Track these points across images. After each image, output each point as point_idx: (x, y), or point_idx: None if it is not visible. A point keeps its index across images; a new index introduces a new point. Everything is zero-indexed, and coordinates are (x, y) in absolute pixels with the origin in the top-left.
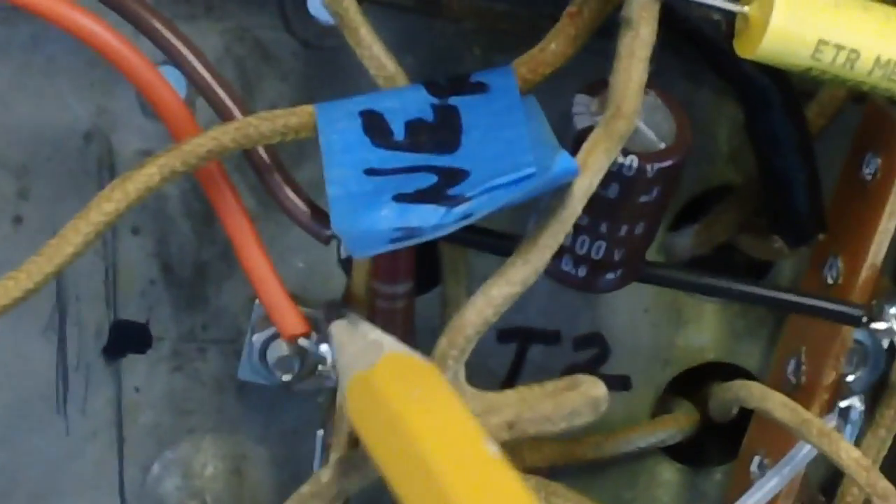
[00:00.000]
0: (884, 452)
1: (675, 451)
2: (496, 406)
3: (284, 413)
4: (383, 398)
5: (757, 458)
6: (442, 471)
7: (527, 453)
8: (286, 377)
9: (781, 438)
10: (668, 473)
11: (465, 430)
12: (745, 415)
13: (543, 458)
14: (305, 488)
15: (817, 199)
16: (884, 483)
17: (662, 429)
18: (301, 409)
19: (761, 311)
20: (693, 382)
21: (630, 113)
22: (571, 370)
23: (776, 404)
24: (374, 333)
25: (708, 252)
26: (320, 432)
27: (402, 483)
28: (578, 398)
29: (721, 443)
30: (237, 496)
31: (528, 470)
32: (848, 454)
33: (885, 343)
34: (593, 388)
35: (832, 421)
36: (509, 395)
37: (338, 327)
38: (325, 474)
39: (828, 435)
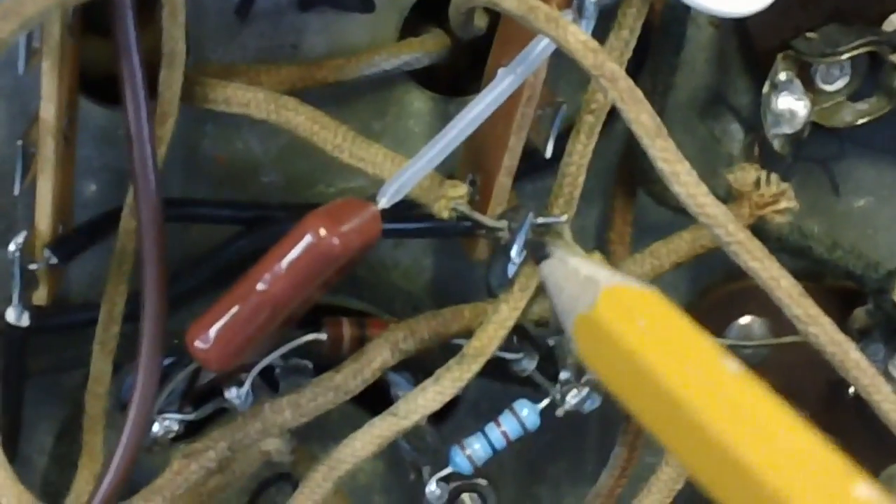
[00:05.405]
0: (627, 55)
1: (426, 80)
2: None
3: None
4: (611, 337)
5: (503, 70)
6: (688, 400)
7: (263, 76)
8: None
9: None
10: (419, 102)
11: (699, 352)
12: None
13: (282, 81)
14: None
15: None
16: (611, 65)
17: (408, 51)
18: None
19: None
20: (439, 5)
21: None
22: None
23: None
24: (587, 268)
25: None
26: None
27: (653, 420)
28: None
29: (473, 69)
30: None
31: None
32: (575, 37)
33: None
34: None
35: (568, 16)
36: None
37: (550, 267)
38: None
39: (555, 20)
